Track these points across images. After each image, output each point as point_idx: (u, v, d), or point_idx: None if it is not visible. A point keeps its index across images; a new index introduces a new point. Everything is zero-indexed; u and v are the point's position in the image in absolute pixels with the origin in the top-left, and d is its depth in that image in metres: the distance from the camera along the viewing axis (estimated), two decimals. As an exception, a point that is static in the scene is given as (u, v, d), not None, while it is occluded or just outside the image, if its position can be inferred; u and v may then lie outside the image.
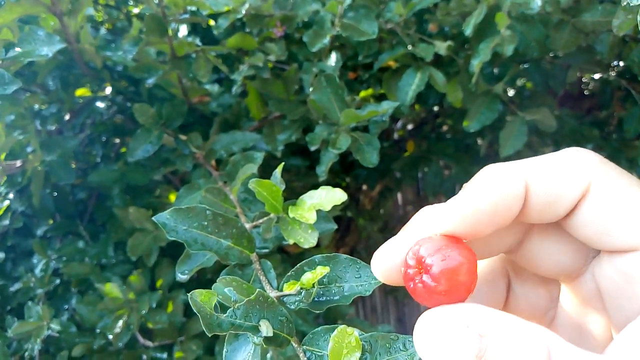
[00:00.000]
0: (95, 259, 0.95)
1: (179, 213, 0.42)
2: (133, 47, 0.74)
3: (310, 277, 0.35)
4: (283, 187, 0.48)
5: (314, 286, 0.35)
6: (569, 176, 0.25)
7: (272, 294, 0.39)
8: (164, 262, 0.91)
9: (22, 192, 0.97)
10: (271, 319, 0.33)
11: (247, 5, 0.80)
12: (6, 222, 0.93)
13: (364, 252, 2.24)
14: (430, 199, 2.38)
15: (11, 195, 0.94)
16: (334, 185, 0.68)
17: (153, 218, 0.43)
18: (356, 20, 0.78)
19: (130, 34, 1.01)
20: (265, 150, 0.89)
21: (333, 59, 0.84)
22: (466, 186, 0.27)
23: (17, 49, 0.72)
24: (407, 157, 1.63)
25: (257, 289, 0.33)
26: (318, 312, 0.34)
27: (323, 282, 0.36)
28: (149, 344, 0.83)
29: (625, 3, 0.61)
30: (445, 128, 1.81)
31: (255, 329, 0.32)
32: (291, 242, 0.46)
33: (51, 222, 1.04)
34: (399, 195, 2.92)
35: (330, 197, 0.45)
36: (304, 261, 0.39)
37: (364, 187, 2.02)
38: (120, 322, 0.77)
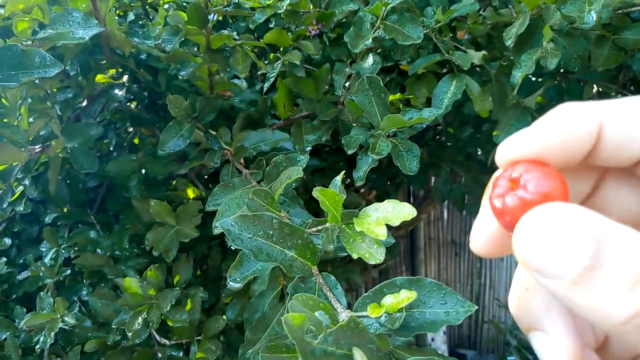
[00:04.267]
0: (109, 251, 0.92)
1: (245, 220, 0.39)
2: (173, 36, 0.71)
3: (393, 301, 0.33)
4: (344, 196, 0.46)
5: (399, 311, 0.33)
6: None
7: (344, 314, 0.37)
8: (181, 258, 0.89)
9: (37, 178, 0.93)
10: (362, 346, 0.31)
11: (287, 1, 0.78)
12: (20, 208, 0.89)
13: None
14: (423, 206, 2.37)
15: (26, 182, 0.91)
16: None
17: (217, 224, 0.40)
18: (400, 23, 0.76)
19: (157, 22, 0.98)
20: (290, 150, 0.87)
21: (370, 60, 0.82)
22: (539, 120, 0.26)
23: (50, 30, 0.69)
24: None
25: (350, 315, 0.31)
26: (405, 339, 0.32)
27: (405, 306, 0.34)
28: (165, 341, 0.81)
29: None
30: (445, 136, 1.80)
31: (349, 358, 0.30)
32: (355, 256, 0.44)
33: (64, 210, 1.01)
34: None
35: (399, 211, 0.43)
36: (383, 283, 0.37)
37: (362, 189, 2.00)
38: (140, 319, 0.75)
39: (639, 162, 0.25)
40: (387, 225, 0.43)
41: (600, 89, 1.43)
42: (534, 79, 1.21)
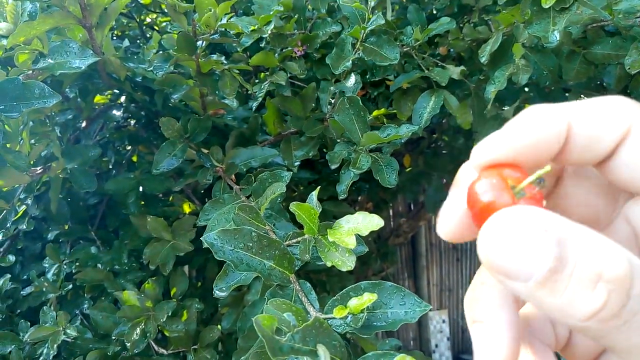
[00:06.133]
0: (109, 266, 0.96)
1: (226, 234, 0.44)
2: (164, 63, 0.76)
3: (357, 303, 0.37)
4: (319, 209, 0.51)
5: (362, 312, 0.37)
6: (610, 118, 0.25)
7: (317, 316, 0.41)
8: (177, 270, 0.93)
9: (39, 198, 0.98)
10: (326, 343, 0.35)
11: (271, 26, 0.83)
12: (23, 226, 0.94)
13: (358, 261, 2.26)
14: (421, 213, 2.41)
15: (29, 201, 0.95)
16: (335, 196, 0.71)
17: (202, 238, 0.45)
18: (378, 45, 0.81)
19: (151, 46, 1.03)
20: (281, 164, 0.92)
21: (352, 80, 0.87)
22: (508, 123, 0.26)
23: (49, 60, 0.74)
24: (409, 173, 1.66)
25: (315, 315, 0.35)
26: (366, 336, 0.36)
27: (368, 307, 0.38)
28: (163, 351, 0.84)
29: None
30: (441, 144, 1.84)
31: (313, 353, 0.34)
32: (329, 264, 0.48)
33: (66, 227, 1.05)
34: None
35: (368, 222, 0.47)
36: (349, 287, 0.41)
37: (360, 197, 2.04)
38: (138, 330, 0.79)
39: (604, 160, 0.26)
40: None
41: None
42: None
